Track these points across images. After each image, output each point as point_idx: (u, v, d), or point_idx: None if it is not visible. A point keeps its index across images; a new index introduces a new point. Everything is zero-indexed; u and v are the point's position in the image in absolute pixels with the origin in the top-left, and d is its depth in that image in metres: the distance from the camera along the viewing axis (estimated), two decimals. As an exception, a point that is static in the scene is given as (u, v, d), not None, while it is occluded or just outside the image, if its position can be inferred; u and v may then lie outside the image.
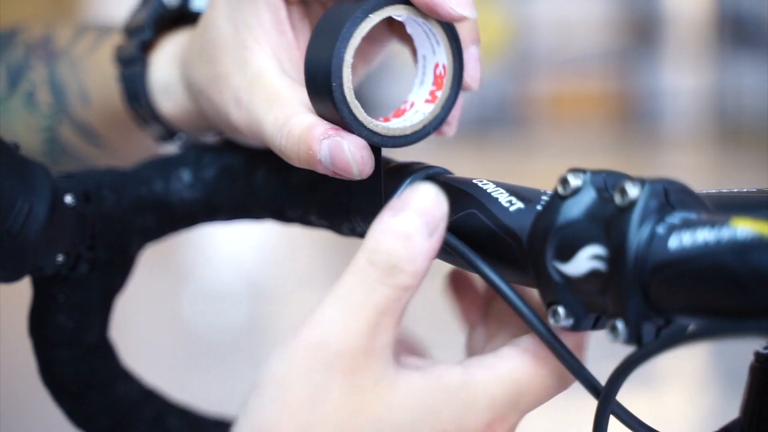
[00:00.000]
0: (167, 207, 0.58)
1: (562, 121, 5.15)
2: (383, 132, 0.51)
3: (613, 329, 0.43)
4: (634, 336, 0.43)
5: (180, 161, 0.59)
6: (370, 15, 0.50)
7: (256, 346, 2.42)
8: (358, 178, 0.51)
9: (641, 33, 5.24)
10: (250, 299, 2.80)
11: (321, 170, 0.52)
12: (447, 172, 0.53)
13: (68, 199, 0.55)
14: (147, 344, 2.35)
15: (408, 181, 0.52)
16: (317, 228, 0.57)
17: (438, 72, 0.53)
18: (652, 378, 1.99)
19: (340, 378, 0.45)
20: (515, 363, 0.47)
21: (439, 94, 0.53)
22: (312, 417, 0.45)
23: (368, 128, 0.51)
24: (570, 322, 0.45)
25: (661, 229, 0.42)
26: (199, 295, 2.73)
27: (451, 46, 0.52)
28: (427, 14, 0.51)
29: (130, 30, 0.66)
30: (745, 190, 0.49)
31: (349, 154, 0.50)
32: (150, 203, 0.58)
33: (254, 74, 0.55)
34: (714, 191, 0.48)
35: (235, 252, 3.05)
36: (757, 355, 0.50)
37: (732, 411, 0.51)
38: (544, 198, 0.47)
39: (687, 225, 0.42)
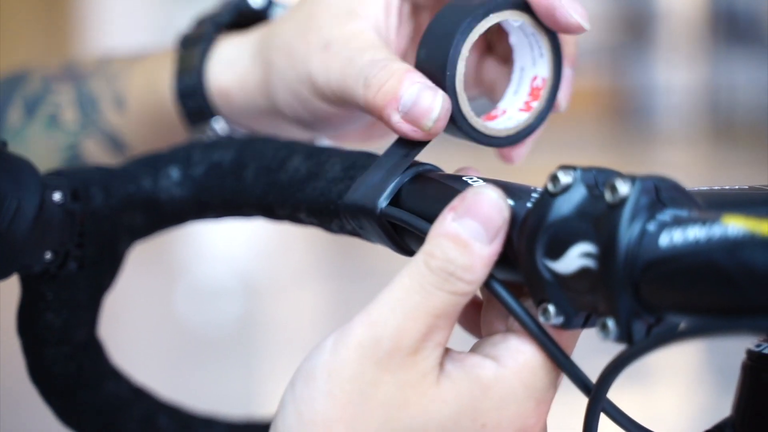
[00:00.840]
0: (156, 205, 0.58)
1: (554, 116, 5.14)
2: (483, 130, 0.54)
3: (604, 327, 0.43)
4: (624, 334, 0.42)
5: (169, 158, 0.59)
6: (491, 14, 0.53)
7: (248, 342, 2.42)
8: (427, 129, 0.52)
9: (634, 29, 5.24)
10: (242, 295, 2.80)
11: (388, 113, 0.53)
12: (437, 168, 0.53)
13: (56, 196, 0.55)
14: (139, 340, 2.35)
15: (398, 178, 0.52)
16: (307, 226, 0.57)
17: (535, 84, 0.56)
18: (643, 375, 1.99)
19: (389, 375, 0.45)
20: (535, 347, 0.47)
21: (535, 104, 0.56)
22: (358, 411, 0.46)
23: (470, 124, 0.54)
24: (560, 320, 0.45)
25: (651, 227, 0.42)
26: (192, 291, 2.73)
27: (554, 59, 0.56)
28: (542, 22, 0.54)
29: (203, 18, 0.67)
30: (737, 187, 0.49)
31: (438, 101, 0.52)
32: (139, 201, 0.58)
33: (355, 31, 0.57)
34: (705, 188, 0.48)
35: (227, 248, 3.05)
36: (749, 353, 0.49)
37: (724, 409, 0.51)
38: (534, 195, 0.47)
39: (678, 222, 0.41)
